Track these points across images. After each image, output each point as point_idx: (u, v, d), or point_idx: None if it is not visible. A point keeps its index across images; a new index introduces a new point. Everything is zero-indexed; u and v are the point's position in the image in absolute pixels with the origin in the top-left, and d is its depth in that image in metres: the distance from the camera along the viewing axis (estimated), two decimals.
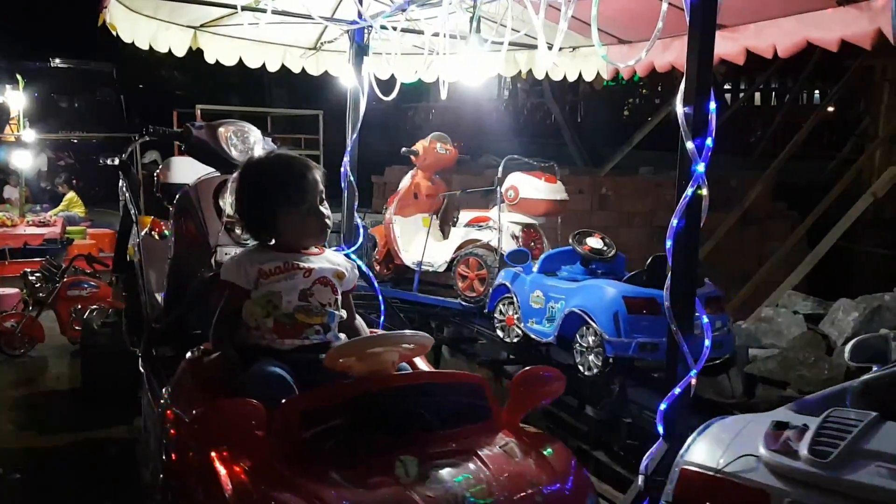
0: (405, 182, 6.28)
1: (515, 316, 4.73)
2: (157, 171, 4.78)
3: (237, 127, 3.78)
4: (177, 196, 3.69)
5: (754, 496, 2.07)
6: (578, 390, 4.31)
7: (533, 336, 4.58)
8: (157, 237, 4.38)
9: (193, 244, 3.51)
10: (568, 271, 4.63)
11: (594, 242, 4.77)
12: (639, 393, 4.28)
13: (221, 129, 3.71)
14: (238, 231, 3.33)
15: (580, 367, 4.21)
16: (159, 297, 3.85)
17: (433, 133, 6.38)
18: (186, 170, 4.12)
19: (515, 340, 4.81)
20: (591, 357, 4.15)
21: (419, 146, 6.14)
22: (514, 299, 4.72)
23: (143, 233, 4.36)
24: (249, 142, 3.81)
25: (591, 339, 4.15)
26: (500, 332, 4.92)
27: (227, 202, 3.44)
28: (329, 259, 2.52)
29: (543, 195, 5.43)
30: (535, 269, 4.70)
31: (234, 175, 2.64)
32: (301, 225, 2.43)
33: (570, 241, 4.74)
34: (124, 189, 4.76)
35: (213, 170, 3.72)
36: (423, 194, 6.24)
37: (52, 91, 17.34)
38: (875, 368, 2.51)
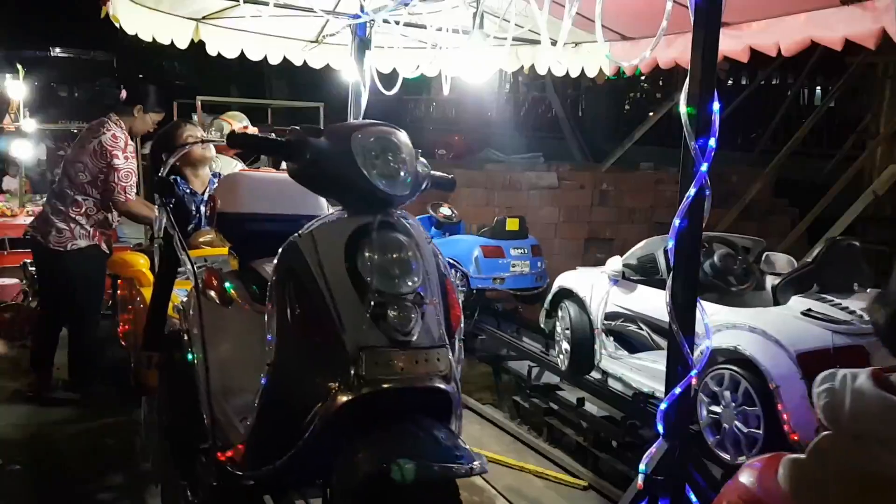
0: None
1: None
2: (210, 191, 4.24)
3: (378, 132, 2.23)
4: (280, 253, 2.18)
5: None
6: None
7: None
8: (216, 299, 2.75)
9: (313, 340, 2.07)
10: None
11: (445, 210, 7.06)
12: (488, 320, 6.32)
13: (358, 136, 2.18)
14: (394, 313, 2.00)
15: None
16: (234, 416, 2.43)
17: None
18: (264, 193, 2.93)
19: None
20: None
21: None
22: None
23: (191, 289, 2.77)
24: (400, 158, 2.22)
25: (458, 280, 5.85)
26: None
27: (371, 266, 2.03)
28: None
29: None
30: None
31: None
32: None
33: (428, 209, 6.92)
34: (163, 222, 3.11)
35: (329, 204, 2.65)
36: None
37: (52, 81, 17.31)
38: None
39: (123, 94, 4.89)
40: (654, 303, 3.92)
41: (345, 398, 1.92)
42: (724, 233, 4.80)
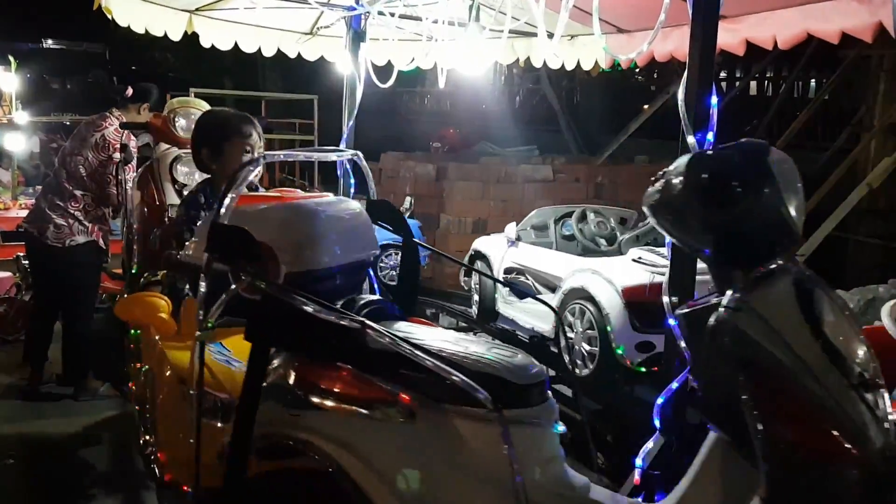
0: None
1: None
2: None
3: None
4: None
5: None
6: None
7: None
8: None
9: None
10: None
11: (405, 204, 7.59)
12: None
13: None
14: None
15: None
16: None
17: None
18: (334, 233, 4.14)
19: None
20: None
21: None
22: None
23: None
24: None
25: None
26: None
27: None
28: None
29: None
30: None
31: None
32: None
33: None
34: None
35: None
36: None
37: (44, 72, 17.21)
38: None
39: (130, 91, 4.94)
40: (540, 260, 4.97)
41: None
42: (600, 205, 5.91)
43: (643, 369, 4.03)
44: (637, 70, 14.71)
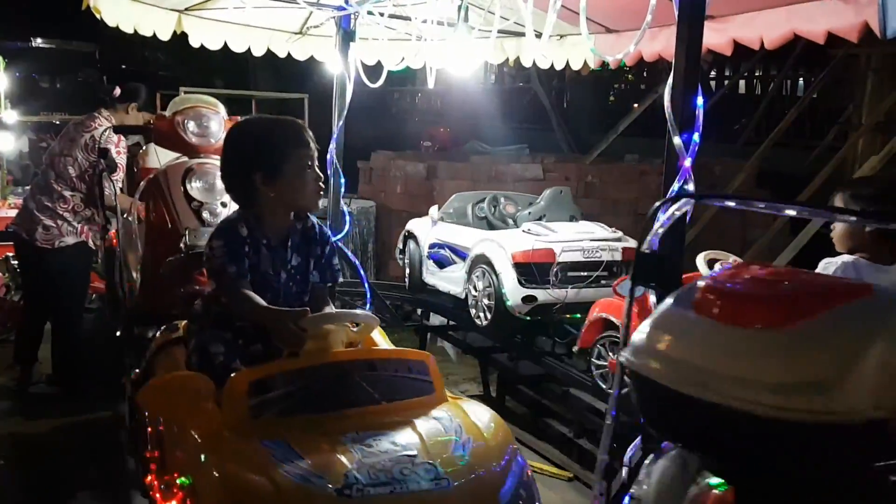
0: None
1: None
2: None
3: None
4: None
5: None
6: None
7: None
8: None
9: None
10: None
11: None
12: None
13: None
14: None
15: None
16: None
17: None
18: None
19: None
20: None
21: None
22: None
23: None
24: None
25: None
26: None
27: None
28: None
29: None
30: None
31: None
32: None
33: None
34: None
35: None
36: None
37: (33, 71, 17.11)
38: None
39: (118, 90, 4.90)
40: (455, 235, 5.69)
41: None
42: (510, 192, 6.54)
43: (528, 318, 4.99)
44: (627, 69, 14.75)
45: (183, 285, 3.05)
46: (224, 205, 3.67)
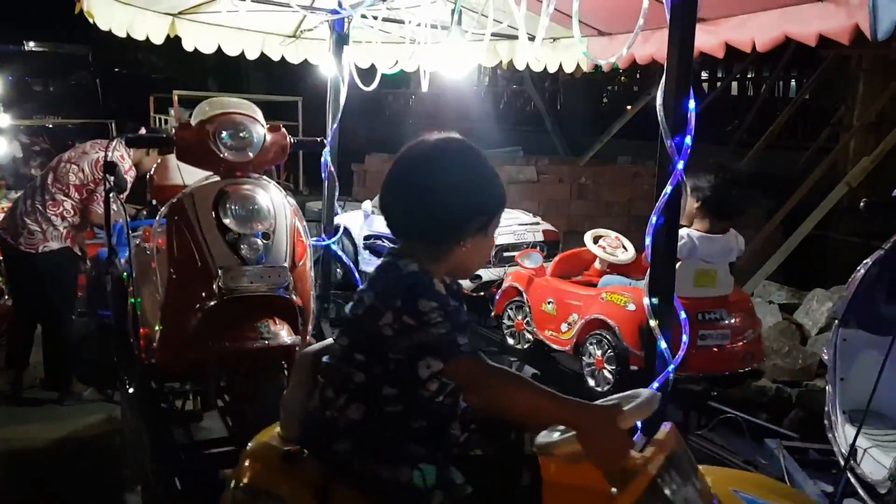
0: None
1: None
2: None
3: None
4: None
5: None
6: None
7: None
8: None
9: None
10: None
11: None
12: None
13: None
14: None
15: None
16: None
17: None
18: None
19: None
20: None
21: None
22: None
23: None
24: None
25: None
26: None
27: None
28: None
29: None
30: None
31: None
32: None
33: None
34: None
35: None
36: None
37: (26, 75, 17.07)
38: None
39: (143, 130, 4.95)
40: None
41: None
42: None
43: (474, 294, 5.41)
44: (621, 71, 14.78)
45: (215, 339, 2.63)
46: (267, 237, 3.05)
